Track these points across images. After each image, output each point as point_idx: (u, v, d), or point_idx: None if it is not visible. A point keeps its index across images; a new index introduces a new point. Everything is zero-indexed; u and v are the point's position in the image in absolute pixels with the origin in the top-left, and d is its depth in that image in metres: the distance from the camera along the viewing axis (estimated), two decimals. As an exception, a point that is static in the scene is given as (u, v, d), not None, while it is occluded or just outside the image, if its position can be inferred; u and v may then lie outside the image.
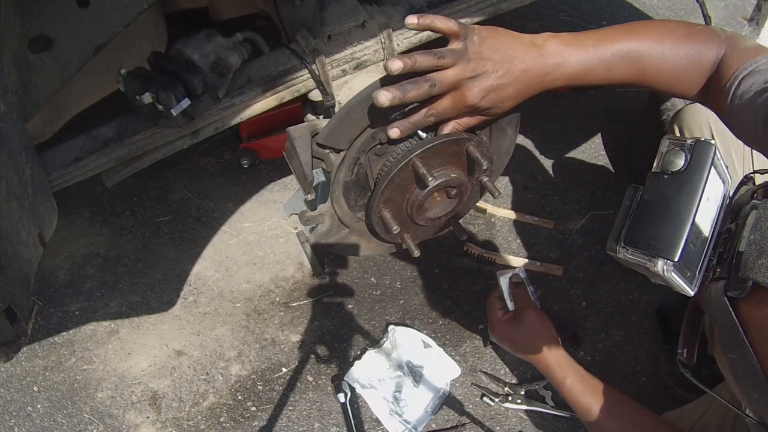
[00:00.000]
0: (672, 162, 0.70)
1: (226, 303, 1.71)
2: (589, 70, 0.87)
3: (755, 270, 0.54)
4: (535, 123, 2.07)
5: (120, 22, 0.92)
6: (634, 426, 1.07)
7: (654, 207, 0.69)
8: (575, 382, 1.14)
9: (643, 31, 0.87)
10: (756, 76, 0.74)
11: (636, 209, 0.71)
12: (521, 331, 1.22)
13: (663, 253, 0.66)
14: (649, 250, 0.67)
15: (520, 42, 0.87)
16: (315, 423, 1.48)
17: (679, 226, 0.66)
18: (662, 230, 0.67)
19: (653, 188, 0.71)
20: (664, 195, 0.69)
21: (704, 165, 0.68)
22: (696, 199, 0.67)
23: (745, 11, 2.52)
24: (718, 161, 0.70)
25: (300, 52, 1.07)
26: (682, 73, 0.86)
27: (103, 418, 1.51)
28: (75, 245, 1.84)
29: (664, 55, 0.85)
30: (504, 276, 1.30)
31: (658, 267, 0.66)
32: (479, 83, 0.86)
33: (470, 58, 0.85)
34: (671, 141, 0.72)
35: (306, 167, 1.00)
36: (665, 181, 0.70)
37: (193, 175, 2.00)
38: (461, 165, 1.05)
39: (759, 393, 0.56)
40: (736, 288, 0.57)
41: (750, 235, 0.56)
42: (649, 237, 0.68)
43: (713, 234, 0.69)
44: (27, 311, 0.86)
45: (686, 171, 0.69)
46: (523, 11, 2.36)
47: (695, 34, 0.85)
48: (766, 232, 0.55)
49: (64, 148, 1.03)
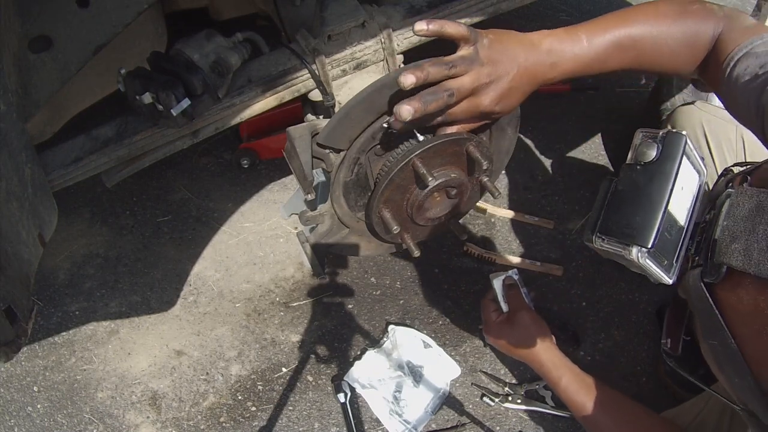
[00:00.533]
0: (644, 153, 0.71)
1: (226, 303, 1.71)
2: (586, 64, 0.87)
3: (728, 255, 0.55)
4: (535, 123, 2.07)
5: (120, 22, 0.92)
6: (630, 423, 1.08)
7: (627, 196, 0.70)
8: (570, 381, 1.14)
9: (636, 16, 0.86)
10: (751, 59, 0.75)
11: (610, 199, 0.73)
12: (515, 333, 1.22)
13: (637, 240, 0.67)
14: (624, 238, 0.68)
15: (522, 42, 0.87)
16: (315, 423, 1.48)
17: (652, 213, 0.67)
18: (635, 218, 0.68)
19: (627, 179, 0.72)
20: (637, 185, 0.70)
21: (675, 155, 0.69)
22: (668, 187, 0.68)
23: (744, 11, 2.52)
24: (690, 151, 0.71)
25: (300, 52, 1.07)
26: (678, 55, 0.86)
27: (103, 418, 1.51)
28: (75, 245, 1.84)
29: (659, 38, 0.85)
30: (497, 278, 1.30)
31: (632, 254, 0.67)
32: (494, 88, 0.86)
33: (483, 62, 0.84)
34: (644, 134, 0.73)
35: (306, 167, 1.00)
36: (638, 171, 0.71)
37: (193, 175, 2.00)
38: (461, 165, 1.05)
39: (740, 377, 0.56)
40: (712, 274, 0.58)
41: (724, 222, 0.58)
42: (623, 225, 0.69)
43: (689, 223, 0.71)
44: (27, 311, 0.86)
45: (658, 161, 0.70)
46: (523, 11, 2.36)
47: (690, 14, 0.84)
48: (738, 218, 0.56)
49: (64, 148, 1.03)
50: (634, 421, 1.08)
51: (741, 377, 0.56)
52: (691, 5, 0.85)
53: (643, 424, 1.07)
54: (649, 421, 1.07)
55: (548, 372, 1.17)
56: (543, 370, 1.19)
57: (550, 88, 1.98)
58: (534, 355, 1.20)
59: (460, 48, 0.85)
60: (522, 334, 1.22)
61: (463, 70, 0.83)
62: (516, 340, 1.22)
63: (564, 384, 1.15)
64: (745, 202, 0.56)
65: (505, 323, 1.25)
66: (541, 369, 1.19)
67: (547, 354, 1.18)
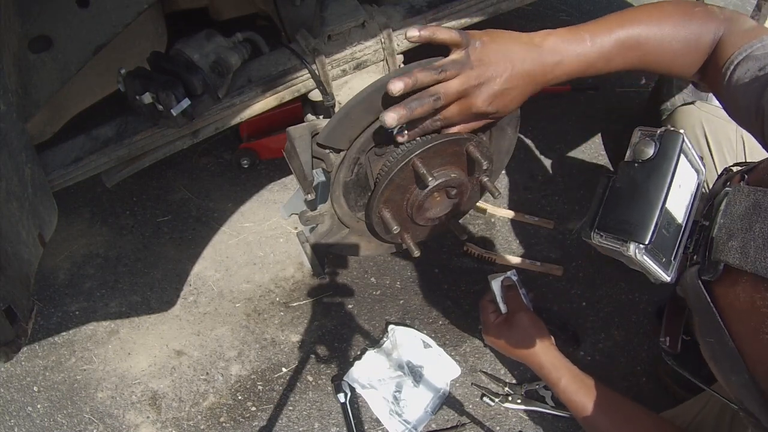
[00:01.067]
0: (642, 151, 0.71)
1: (226, 303, 1.71)
2: (590, 64, 0.87)
3: (726, 252, 0.55)
4: (535, 123, 2.07)
5: (120, 22, 0.92)
6: (629, 423, 1.08)
7: (625, 193, 0.71)
8: (569, 381, 1.14)
9: (640, 16, 0.87)
10: (751, 62, 0.76)
11: (608, 196, 0.73)
12: (514, 334, 1.23)
13: (634, 236, 0.67)
14: (621, 234, 0.69)
15: (520, 43, 0.87)
16: (315, 423, 1.48)
17: (649, 209, 0.67)
18: (633, 214, 0.68)
19: (624, 176, 0.72)
20: (635, 182, 0.71)
21: (673, 152, 0.69)
22: (665, 184, 0.68)
23: (744, 11, 2.52)
24: (688, 149, 0.72)
25: (300, 52, 1.07)
26: (681, 55, 0.86)
27: (103, 418, 1.51)
28: (75, 245, 1.84)
29: (663, 40, 0.85)
30: (496, 279, 1.30)
31: (630, 250, 0.67)
32: (485, 90, 0.87)
33: (473, 65, 0.85)
34: (642, 132, 0.74)
35: (306, 167, 1.00)
36: (636, 169, 0.71)
37: (193, 175, 2.00)
38: (461, 165, 1.05)
39: (737, 375, 0.56)
40: (709, 272, 0.58)
41: (721, 220, 0.58)
42: (620, 222, 0.69)
43: (687, 221, 0.71)
44: (27, 311, 0.86)
45: (655, 159, 0.70)
46: (523, 11, 2.37)
47: (693, 16, 0.85)
48: (735, 216, 0.56)
49: (64, 148, 1.03)
50: (633, 422, 1.08)
51: (738, 375, 0.56)
52: (694, 7, 0.85)
53: (642, 425, 1.07)
54: (648, 422, 1.08)
55: (548, 373, 1.17)
56: (542, 372, 1.19)
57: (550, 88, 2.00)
58: (533, 357, 1.20)
59: (452, 52, 0.87)
60: (521, 336, 1.22)
61: (452, 74, 0.85)
62: (515, 342, 1.23)
63: (563, 385, 1.15)
64: (742, 200, 0.56)
65: (503, 324, 1.25)
66: (541, 370, 1.19)
67: (547, 355, 1.18)
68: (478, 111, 0.89)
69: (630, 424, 1.08)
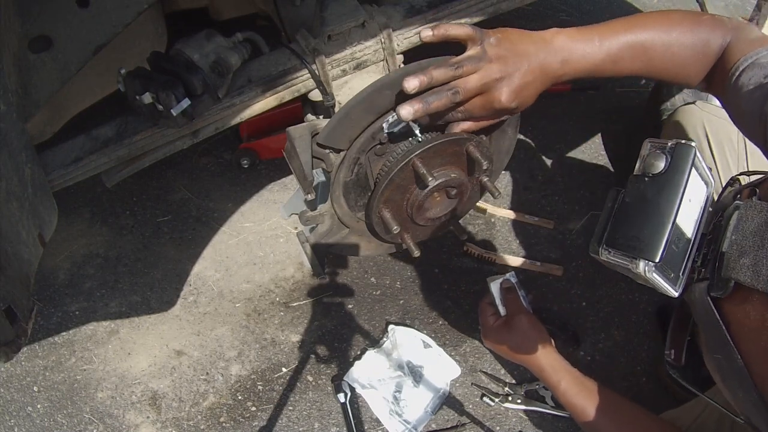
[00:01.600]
0: (653, 164, 0.70)
1: (226, 303, 1.71)
2: (596, 65, 0.87)
3: (737, 270, 0.55)
4: (535, 123, 2.07)
5: (120, 22, 0.92)
6: (630, 425, 1.08)
7: (635, 209, 0.70)
8: (570, 384, 1.14)
9: (648, 22, 0.87)
10: (755, 69, 0.75)
11: (617, 211, 0.72)
12: (514, 336, 1.22)
13: (644, 254, 0.66)
14: (631, 251, 0.67)
15: (531, 39, 0.87)
16: (315, 423, 1.48)
17: (660, 226, 0.66)
18: (643, 231, 0.67)
19: (634, 190, 0.71)
20: (645, 197, 0.69)
21: (684, 167, 0.68)
22: (677, 200, 0.67)
23: (745, 11, 2.52)
24: (699, 163, 0.71)
25: (300, 52, 1.07)
26: (688, 63, 0.86)
27: (103, 418, 1.51)
28: (75, 245, 1.84)
29: (670, 46, 0.85)
30: (494, 281, 1.29)
31: (639, 268, 0.66)
32: (508, 84, 0.86)
33: (491, 59, 0.85)
34: (652, 144, 0.72)
35: (306, 167, 1.00)
36: (646, 183, 0.70)
37: (193, 175, 2.00)
38: (461, 165, 1.05)
39: (744, 392, 0.56)
40: (719, 288, 0.57)
41: (732, 236, 0.57)
42: (630, 238, 0.68)
43: (696, 235, 0.69)
44: (27, 311, 0.86)
45: (667, 173, 0.69)
46: (523, 11, 2.35)
47: (701, 24, 0.85)
48: (747, 232, 0.55)
49: (64, 148, 1.03)
50: (633, 424, 1.07)
51: (746, 392, 0.56)
52: (702, 15, 0.86)
53: (642, 427, 1.07)
54: (648, 424, 1.07)
55: (548, 375, 1.17)
56: (542, 374, 1.18)
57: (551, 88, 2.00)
58: (533, 359, 1.19)
59: (468, 48, 0.86)
60: (520, 338, 1.21)
61: (471, 69, 0.84)
62: (514, 344, 1.21)
63: (563, 387, 1.14)
64: (754, 216, 0.55)
65: (503, 327, 1.24)
66: (541, 373, 1.18)
67: (546, 358, 1.18)
68: (503, 106, 0.88)
69: (630, 426, 1.07)
